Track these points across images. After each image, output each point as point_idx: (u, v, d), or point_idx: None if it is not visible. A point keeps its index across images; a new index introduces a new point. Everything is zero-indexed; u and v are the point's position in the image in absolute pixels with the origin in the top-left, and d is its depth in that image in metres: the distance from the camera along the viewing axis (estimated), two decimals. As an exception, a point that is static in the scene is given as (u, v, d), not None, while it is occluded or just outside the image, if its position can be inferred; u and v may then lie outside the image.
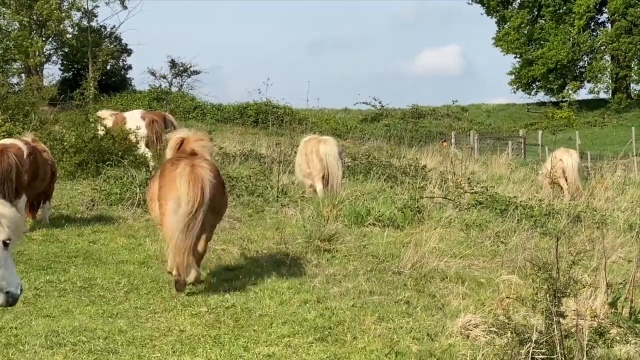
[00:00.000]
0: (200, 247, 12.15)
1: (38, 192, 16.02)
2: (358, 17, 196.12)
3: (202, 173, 11.91)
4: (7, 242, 6.99)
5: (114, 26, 71.20)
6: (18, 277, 7.20)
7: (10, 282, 7.03)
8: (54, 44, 67.61)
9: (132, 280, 12.29)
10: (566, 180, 24.36)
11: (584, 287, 10.66)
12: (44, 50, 64.25)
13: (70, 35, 65.13)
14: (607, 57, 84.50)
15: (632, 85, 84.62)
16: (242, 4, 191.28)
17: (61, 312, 10.75)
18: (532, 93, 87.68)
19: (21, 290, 7.22)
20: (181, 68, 73.36)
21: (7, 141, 15.84)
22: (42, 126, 23.11)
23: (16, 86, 47.87)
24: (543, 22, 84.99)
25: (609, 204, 22.77)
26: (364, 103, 74.39)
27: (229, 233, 16.03)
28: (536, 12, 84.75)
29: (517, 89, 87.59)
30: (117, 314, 10.90)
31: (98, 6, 68.89)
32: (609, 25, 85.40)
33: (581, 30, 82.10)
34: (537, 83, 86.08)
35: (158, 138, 22.45)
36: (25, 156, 15.24)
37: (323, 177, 20.70)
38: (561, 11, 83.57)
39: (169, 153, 13.22)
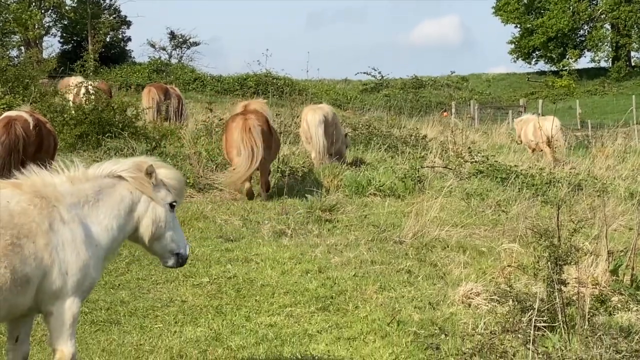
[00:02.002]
0: (263, 177, 16.68)
1: (42, 163, 15.92)
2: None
3: (250, 123, 16.34)
4: (174, 204, 7.09)
5: (113, -2, 70.91)
6: (185, 238, 7.28)
7: (179, 243, 7.13)
8: (53, 16, 67.24)
9: (134, 252, 12.23)
10: (549, 145, 24.31)
11: (585, 255, 10.69)
12: (43, 23, 63.90)
13: (69, 8, 64.70)
14: (607, 26, 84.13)
15: (632, 53, 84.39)
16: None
17: (63, 283, 10.74)
18: (532, 62, 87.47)
19: (189, 251, 7.34)
20: (180, 40, 73.17)
21: (13, 113, 15.74)
22: (42, 98, 22.97)
23: (16, 59, 47.61)
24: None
25: (610, 172, 22.77)
26: (364, 73, 74.54)
27: (230, 204, 16.03)
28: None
29: (517, 59, 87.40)
30: (119, 285, 10.93)
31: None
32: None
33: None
34: (537, 52, 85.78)
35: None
36: (31, 127, 15.16)
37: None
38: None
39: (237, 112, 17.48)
